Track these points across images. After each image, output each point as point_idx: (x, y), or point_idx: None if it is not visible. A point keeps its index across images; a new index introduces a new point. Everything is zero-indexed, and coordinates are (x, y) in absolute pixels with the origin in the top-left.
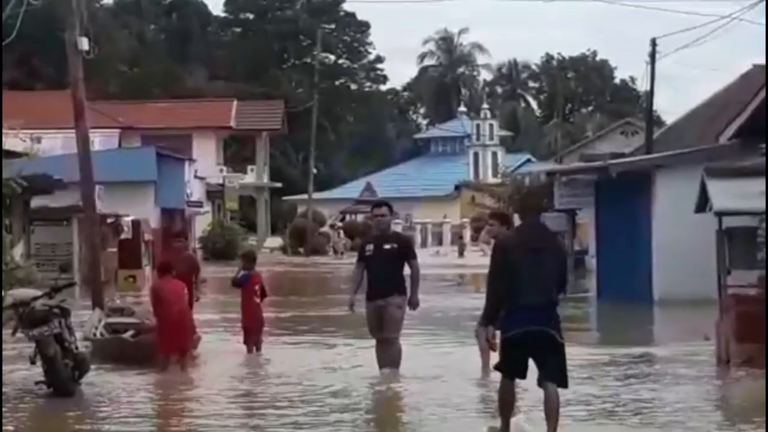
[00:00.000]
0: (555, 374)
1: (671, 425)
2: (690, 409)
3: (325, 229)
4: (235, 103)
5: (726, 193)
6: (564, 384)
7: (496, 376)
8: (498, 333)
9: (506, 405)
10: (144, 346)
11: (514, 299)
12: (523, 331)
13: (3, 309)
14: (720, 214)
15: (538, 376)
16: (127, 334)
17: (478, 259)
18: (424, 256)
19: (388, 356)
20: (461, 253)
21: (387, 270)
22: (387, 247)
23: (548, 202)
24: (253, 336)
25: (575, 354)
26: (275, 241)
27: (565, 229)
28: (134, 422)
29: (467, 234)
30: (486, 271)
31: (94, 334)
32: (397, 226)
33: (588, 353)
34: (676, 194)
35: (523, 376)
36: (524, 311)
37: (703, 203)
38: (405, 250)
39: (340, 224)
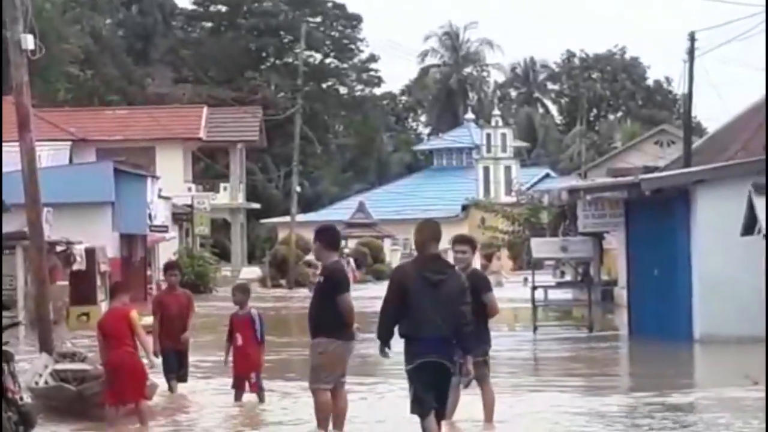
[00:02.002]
0: (438, 406)
1: None
2: None
3: (311, 257)
4: (205, 110)
5: None
6: (443, 416)
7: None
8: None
9: None
10: (90, 396)
11: (411, 330)
12: (425, 362)
13: None
14: None
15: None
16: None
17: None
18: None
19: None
20: None
21: (314, 306)
22: (319, 279)
23: (571, 224)
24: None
25: (607, 402)
26: (252, 272)
27: (590, 255)
28: None
29: (477, 261)
30: (505, 305)
31: (36, 383)
32: (396, 253)
33: (621, 401)
34: (720, 214)
35: (433, 407)
36: (424, 343)
37: (751, 224)
38: (330, 283)
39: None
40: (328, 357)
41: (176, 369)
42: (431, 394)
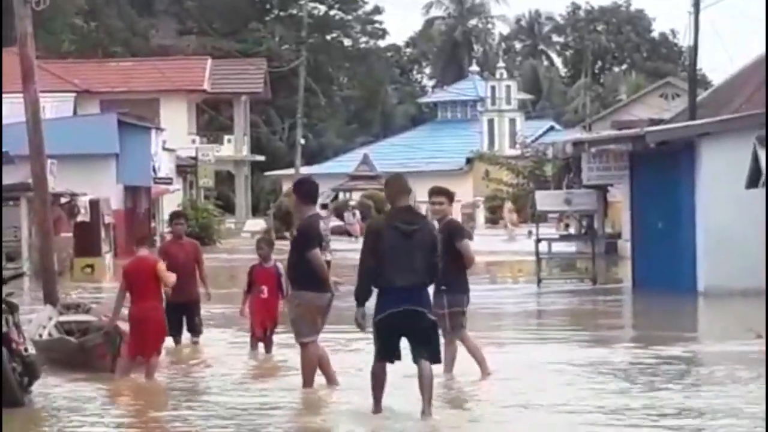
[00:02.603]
0: (428, 351)
1: None
2: (741, 419)
3: (317, 209)
4: (209, 62)
5: None
6: (437, 360)
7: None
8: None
9: (377, 384)
10: (91, 348)
11: (384, 281)
12: (395, 311)
13: None
14: None
15: (412, 354)
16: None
17: (493, 244)
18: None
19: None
20: (470, 236)
21: (289, 261)
22: (293, 233)
23: (575, 177)
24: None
25: (611, 355)
26: (257, 224)
27: (594, 208)
28: None
29: (481, 214)
30: (501, 258)
31: (40, 335)
32: None
33: (625, 353)
34: (725, 167)
35: (397, 358)
36: (395, 293)
37: (755, 177)
38: (301, 239)
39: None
40: (304, 309)
41: (181, 325)
42: (397, 344)
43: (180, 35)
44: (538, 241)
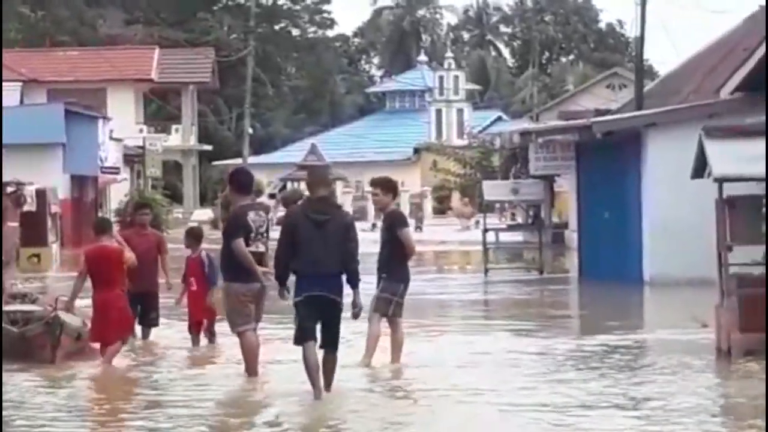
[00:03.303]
0: (334, 340)
1: (667, 423)
2: (687, 408)
3: (263, 198)
4: (157, 51)
5: (727, 156)
6: (337, 347)
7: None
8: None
9: (310, 368)
10: (32, 338)
11: (300, 269)
12: (309, 295)
13: None
14: (720, 181)
15: (321, 340)
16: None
17: (441, 234)
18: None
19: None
20: (419, 227)
21: (221, 251)
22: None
23: (522, 167)
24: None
25: (557, 344)
26: (204, 214)
27: (541, 198)
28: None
29: (428, 204)
30: (449, 247)
31: None
32: (348, 195)
33: (571, 343)
34: (671, 158)
35: (315, 334)
36: (310, 279)
37: (701, 168)
38: (227, 229)
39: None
40: (234, 300)
41: (141, 314)
42: (313, 325)
43: (127, 25)
44: (486, 231)
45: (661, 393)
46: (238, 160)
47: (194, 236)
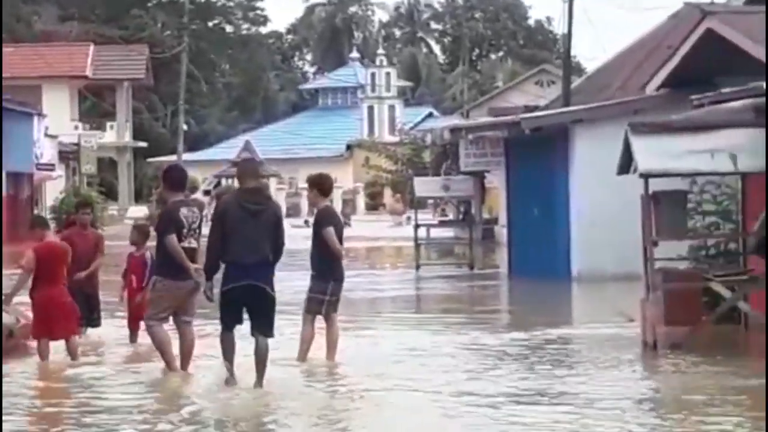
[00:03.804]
0: (265, 327)
1: (595, 417)
2: (614, 401)
3: (198, 195)
4: (91, 48)
5: (652, 152)
6: (271, 334)
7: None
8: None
9: (228, 351)
10: None
11: (230, 257)
12: (238, 285)
13: None
14: (645, 176)
15: (251, 327)
16: None
17: (373, 230)
18: (288, 227)
19: None
20: (347, 223)
21: (156, 247)
22: None
23: (453, 163)
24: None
25: (488, 339)
26: (140, 211)
27: (471, 194)
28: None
29: (361, 201)
30: (380, 243)
31: None
32: (281, 192)
33: (502, 338)
34: (597, 153)
35: (239, 323)
36: (240, 268)
37: (626, 164)
38: (158, 226)
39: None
40: (157, 295)
41: (85, 313)
42: (238, 315)
43: (62, 21)
44: (417, 226)
45: (588, 386)
46: (173, 157)
47: (142, 232)
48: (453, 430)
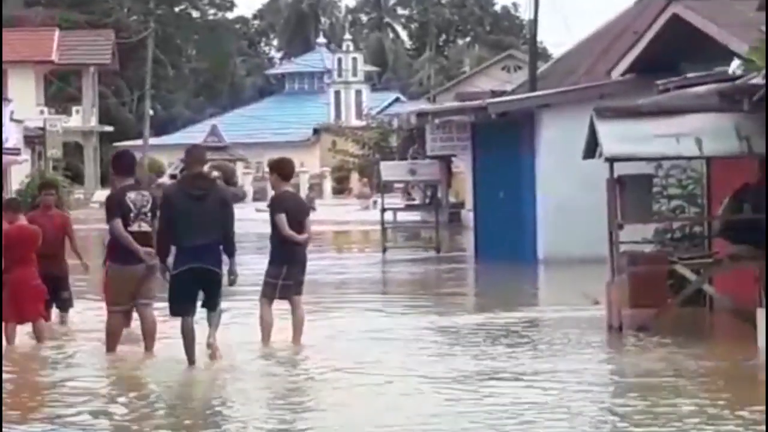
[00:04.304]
0: (213, 304)
1: (564, 397)
2: (578, 381)
3: (164, 179)
4: (57, 32)
5: (618, 137)
6: (217, 310)
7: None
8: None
9: (189, 339)
10: None
11: (180, 241)
12: (188, 267)
13: None
14: (611, 160)
15: (203, 303)
16: None
17: (340, 214)
18: (249, 211)
19: None
20: (311, 208)
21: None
22: None
23: (419, 148)
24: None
25: (454, 321)
26: (106, 194)
27: (438, 178)
28: None
29: (328, 185)
30: (348, 227)
31: None
32: (248, 176)
33: (468, 319)
34: (563, 138)
35: (193, 308)
36: (189, 251)
37: (592, 148)
38: (105, 211)
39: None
40: (109, 281)
41: (53, 297)
42: (191, 299)
43: (27, 6)
44: (384, 210)
45: (553, 366)
46: (139, 142)
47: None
48: (412, 410)
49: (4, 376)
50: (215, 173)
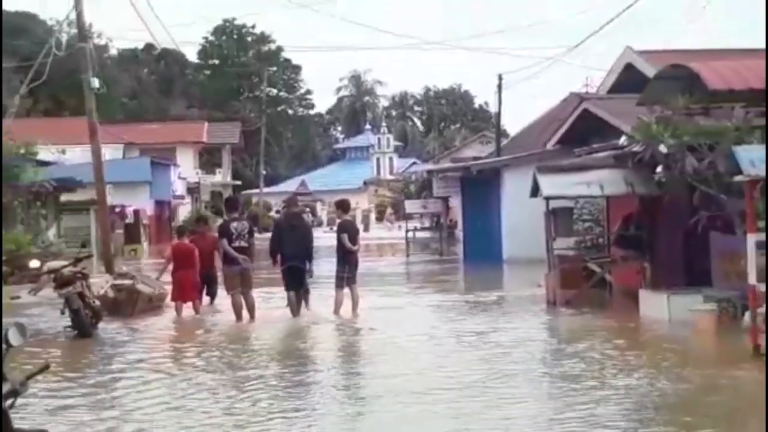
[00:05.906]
0: (300, 286)
1: (514, 341)
2: (526, 338)
3: (272, 213)
4: (206, 124)
5: (551, 184)
6: (305, 289)
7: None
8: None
9: (293, 305)
10: (120, 301)
11: (283, 250)
12: (288, 266)
13: (40, 274)
14: (547, 198)
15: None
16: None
17: (380, 233)
18: (323, 233)
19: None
20: (366, 229)
21: None
22: None
23: (429, 192)
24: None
25: (448, 298)
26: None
27: (441, 211)
28: (139, 352)
29: (372, 216)
30: (384, 241)
31: (98, 293)
32: (324, 211)
33: (456, 298)
34: (518, 185)
35: (298, 289)
36: (287, 257)
37: (535, 191)
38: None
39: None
40: (225, 276)
41: (201, 291)
42: (293, 281)
43: (188, 108)
44: (407, 231)
45: (513, 325)
46: (256, 190)
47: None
48: (422, 355)
49: (196, 333)
50: (306, 209)
